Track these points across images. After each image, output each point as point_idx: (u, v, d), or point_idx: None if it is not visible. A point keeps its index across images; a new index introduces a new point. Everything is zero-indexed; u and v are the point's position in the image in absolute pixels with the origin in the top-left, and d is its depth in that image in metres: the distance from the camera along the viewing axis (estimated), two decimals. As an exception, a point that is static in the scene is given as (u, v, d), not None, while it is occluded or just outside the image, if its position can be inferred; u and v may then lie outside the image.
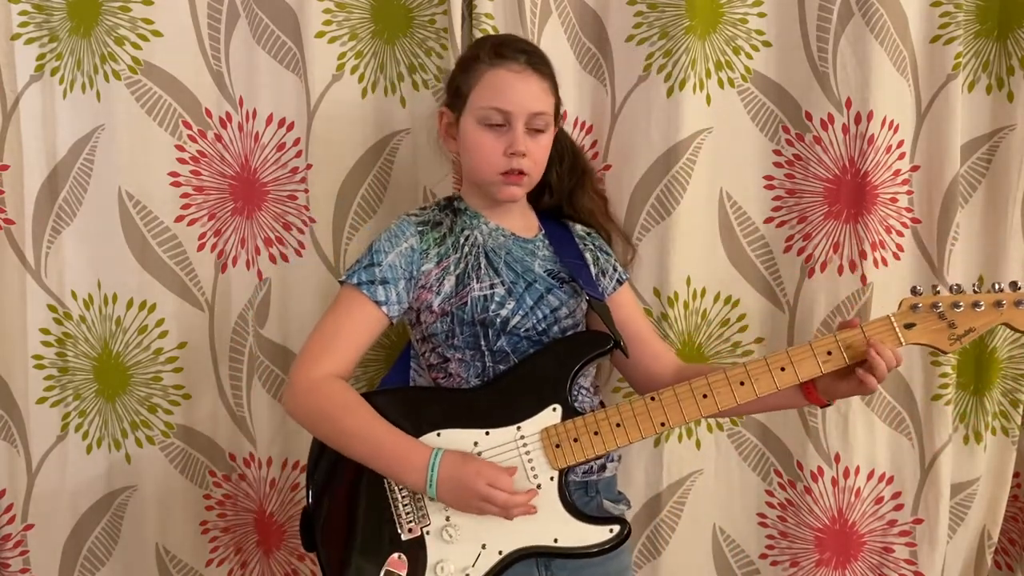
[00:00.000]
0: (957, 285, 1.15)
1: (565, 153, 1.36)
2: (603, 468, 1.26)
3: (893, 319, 1.15)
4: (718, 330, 1.58)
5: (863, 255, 1.51)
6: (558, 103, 1.26)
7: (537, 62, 1.21)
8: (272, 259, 1.56)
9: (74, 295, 1.57)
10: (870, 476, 1.58)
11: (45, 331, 1.56)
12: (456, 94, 1.23)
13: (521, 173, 1.20)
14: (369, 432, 1.13)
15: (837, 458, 1.56)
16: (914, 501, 1.58)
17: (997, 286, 1.14)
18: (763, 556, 1.63)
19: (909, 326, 1.15)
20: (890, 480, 1.58)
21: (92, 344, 1.58)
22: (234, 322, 1.58)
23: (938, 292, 1.15)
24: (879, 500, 1.59)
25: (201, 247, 1.57)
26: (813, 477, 1.57)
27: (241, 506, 1.64)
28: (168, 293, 1.56)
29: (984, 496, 1.62)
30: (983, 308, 1.13)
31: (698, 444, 1.60)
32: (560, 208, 1.37)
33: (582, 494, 1.23)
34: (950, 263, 1.51)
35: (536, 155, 1.22)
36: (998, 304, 1.13)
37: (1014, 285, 1.14)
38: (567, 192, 1.36)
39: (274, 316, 1.56)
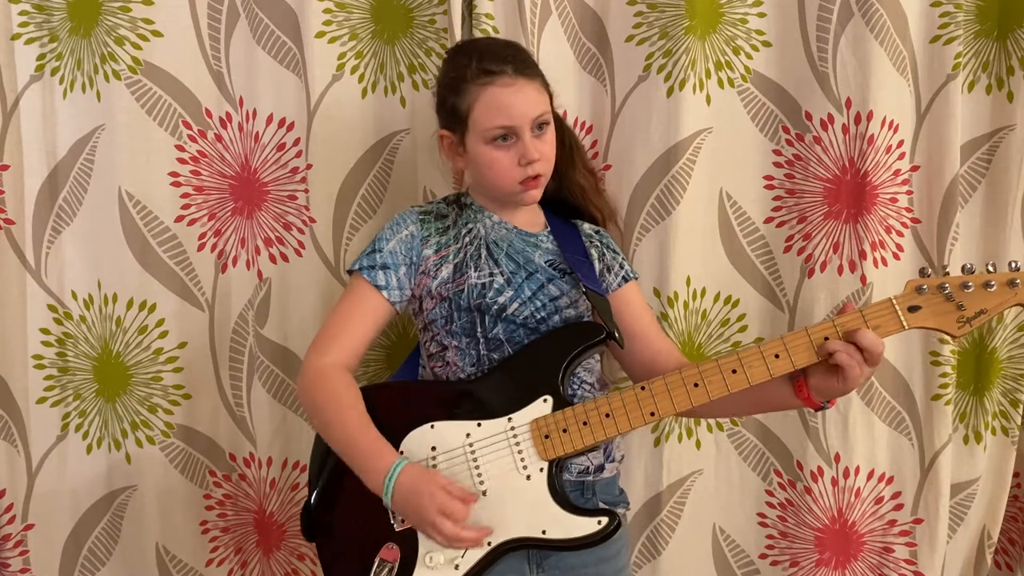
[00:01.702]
0: (969, 265, 1.09)
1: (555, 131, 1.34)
2: (600, 469, 1.26)
3: (895, 302, 1.10)
4: (718, 330, 1.58)
5: (863, 255, 1.51)
6: (550, 93, 1.26)
7: (523, 66, 1.20)
8: (272, 259, 1.56)
9: (74, 295, 1.57)
10: (870, 476, 1.58)
11: (45, 331, 1.56)
12: (453, 116, 1.22)
13: (537, 176, 1.22)
14: (347, 429, 1.15)
15: (837, 458, 1.56)
16: (914, 501, 1.58)
17: (1014, 264, 1.08)
18: (763, 556, 1.63)
19: (913, 309, 1.09)
20: (890, 480, 1.58)
21: (92, 344, 1.58)
22: (234, 322, 1.58)
23: (948, 274, 1.10)
24: (879, 500, 1.59)
25: (201, 247, 1.57)
26: (813, 477, 1.57)
27: (241, 506, 1.64)
28: (168, 293, 1.56)
29: (984, 496, 1.62)
30: (995, 288, 1.07)
31: (698, 444, 1.60)
32: (566, 204, 1.37)
33: (578, 495, 1.23)
34: (950, 263, 1.51)
35: (546, 153, 1.23)
36: (1012, 283, 1.07)
37: None
38: (561, 170, 1.35)
39: (274, 316, 1.56)
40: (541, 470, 1.14)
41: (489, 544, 1.13)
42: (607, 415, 1.14)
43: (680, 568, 1.61)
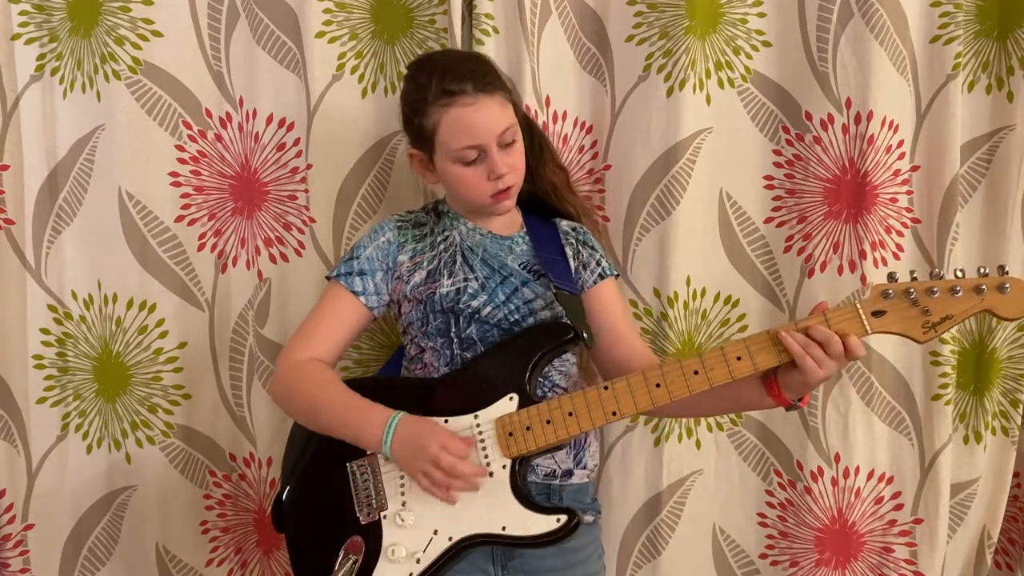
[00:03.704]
0: (938, 271, 1.09)
1: (523, 132, 1.33)
2: (569, 474, 1.26)
3: (859, 306, 1.09)
4: (718, 330, 1.58)
5: (863, 255, 1.51)
6: (513, 101, 1.25)
7: (483, 84, 1.19)
8: (272, 259, 1.56)
9: (74, 295, 1.57)
10: (870, 476, 1.58)
11: (45, 331, 1.56)
12: (419, 136, 1.23)
13: (508, 188, 1.22)
14: (336, 401, 1.18)
15: (837, 458, 1.56)
16: (914, 501, 1.58)
17: (982, 270, 1.06)
18: (763, 556, 1.63)
19: (878, 313, 1.08)
20: (890, 480, 1.58)
21: (92, 344, 1.58)
22: (234, 322, 1.58)
23: (915, 279, 1.09)
24: (879, 500, 1.59)
25: (201, 247, 1.57)
26: (813, 477, 1.57)
27: (241, 506, 1.64)
28: (168, 293, 1.56)
29: (984, 496, 1.62)
30: (961, 294, 1.05)
31: (698, 444, 1.60)
32: (545, 204, 1.36)
33: (544, 499, 1.23)
34: (950, 263, 1.51)
35: (515, 164, 1.23)
36: (978, 289, 1.05)
37: (1001, 269, 1.06)
38: (532, 168, 1.34)
39: (274, 316, 1.56)
40: (504, 467, 1.14)
41: (450, 539, 1.14)
42: (570, 413, 1.14)
43: (680, 568, 1.61)
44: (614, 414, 1.14)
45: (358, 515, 1.17)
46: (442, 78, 1.18)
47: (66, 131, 1.53)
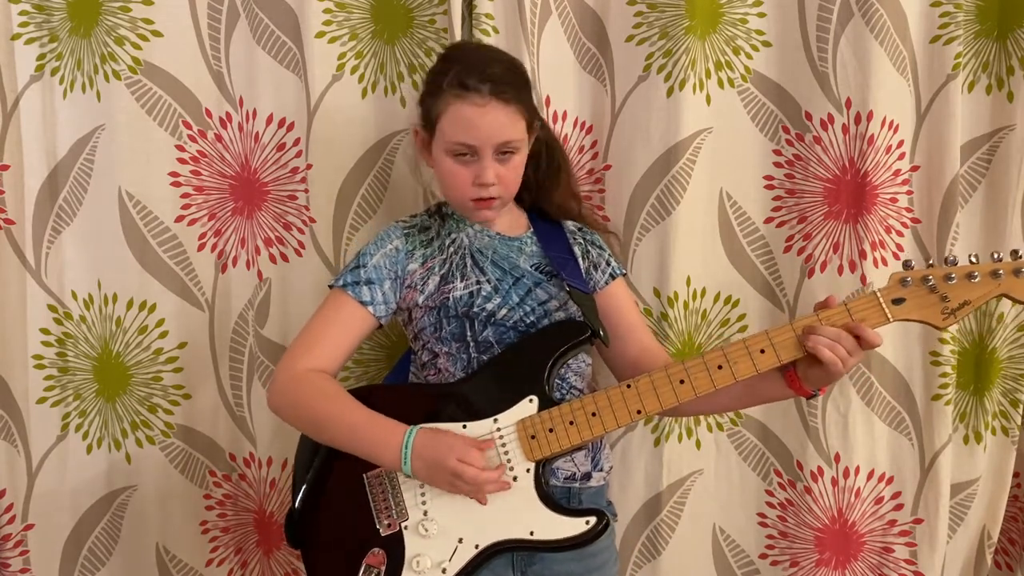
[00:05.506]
0: (952, 256, 1.10)
1: (541, 152, 1.32)
2: (587, 477, 1.25)
3: (880, 295, 1.10)
4: (718, 330, 1.58)
5: (863, 255, 1.51)
6: (531, 119, 1.22)
7: (502, 89, 1.16)
8: (272, 259, 1.56)
9: (74, 295, 1.57)
10: (870, 476, 1.58)
11: (45, 331, 1.56)
12: (426, 117, 1.22)
13: (492, 198, 1.20)
14: (346, 415, 1.15)
15: (837, 458, 1.56)
16: (914, 501, 1.58)
17: (996, 255, 1.08)
18: (763, 556, 1.63)
19: (898, 301, 1.09)
20: (890, 480, 1.58)
21: (92, 344, 1.58)
22: (234, 322, 1.58)
23: (931, 266, 1.11)
24: (879, 500, 1.59)
25: (201, 247, 1.57)
26: (813, 477, 1.57)
27: (241, 506, 1.64)
28: (168, 293, 1.56)
29: (984, 496, 1.63)
30: (978, 279, 1.07)
31: (698, 444, 1.60)
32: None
33: (564, 502, 1.22)
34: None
35: (507, 178, 1.20)
36: (995, 274, 1.07)
37: (1015, 254, 1.07)
38: (542, 190, 1.33)
39: (274, 316, 1.56)
40: (528, 471, 1.13)
41: (477, 547, 1.13)
42: (593, 414, 1.14)
43: (680, 568, 1.61)
44: (638, 412, 1.13)
45: (378, 527, 1.15)
46: (463, 69, 1.16)
47: (66, 131, 1.53)
